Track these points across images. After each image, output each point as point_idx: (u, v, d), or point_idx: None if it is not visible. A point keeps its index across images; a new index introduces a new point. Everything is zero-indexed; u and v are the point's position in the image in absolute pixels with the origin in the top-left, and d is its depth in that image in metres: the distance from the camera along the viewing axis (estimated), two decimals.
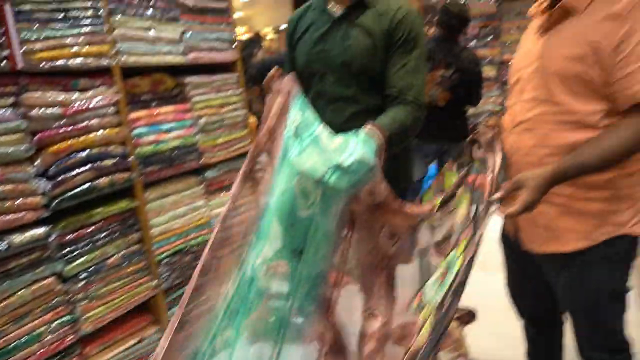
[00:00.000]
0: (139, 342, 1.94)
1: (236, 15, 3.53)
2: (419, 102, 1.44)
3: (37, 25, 1.56)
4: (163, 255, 2.05)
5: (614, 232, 1.24)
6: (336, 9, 1.51)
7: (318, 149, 1.11)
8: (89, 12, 1.69)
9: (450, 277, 1.30)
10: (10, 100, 1.51)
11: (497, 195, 1.11)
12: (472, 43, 4.72)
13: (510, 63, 1.45)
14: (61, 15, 1.61)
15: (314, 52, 1.53)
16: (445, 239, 1.27)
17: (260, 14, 3.44)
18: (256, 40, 4.15)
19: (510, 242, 1.44)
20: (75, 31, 1.65)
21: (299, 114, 1.20)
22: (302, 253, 1.12)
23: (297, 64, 1.59)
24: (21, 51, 1.51)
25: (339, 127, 1.34)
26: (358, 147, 1.13)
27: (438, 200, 1.31)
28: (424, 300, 1.27)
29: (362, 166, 1.11)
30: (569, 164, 1.13)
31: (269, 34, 6.10)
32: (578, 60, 1.15)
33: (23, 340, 1.55)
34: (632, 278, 1.31)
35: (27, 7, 1.53)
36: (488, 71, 4.80)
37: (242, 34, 2.99)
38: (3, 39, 1.48)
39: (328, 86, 1.51)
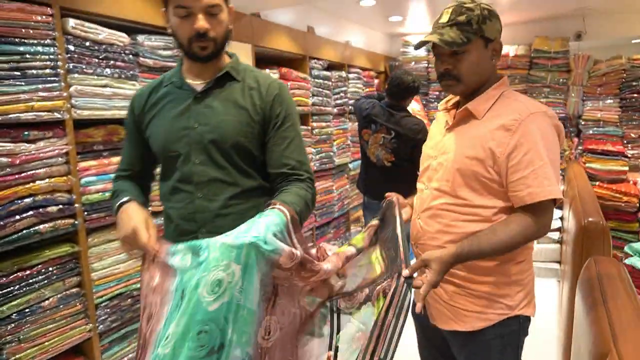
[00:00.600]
0: None
1: None
2: (312, 178, 1.39)
3: None
4: (102, 299, 2.11)
5: (506, 313, 1.35)
6: (198, 83, 1.35)
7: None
8: (47, 71, 1.81)
9: (371, 343, 1.34)
10: None
11: (406, 272, 1.17)
12: (434, 104, 4.93)
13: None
14: (19, 73, 1.72)
15: (174, 131, 1.34)
16: (355, 291, 1.29)
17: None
18: None
19: (420, 316, 1.53)
20: (33, 87, 1.76)
21: (186, 248, 1.15)
22: (224, 346, 1.04)
23: (153, 146, 1.40)
24: None
25: (214, 213, 1.32)
26: (268, 223, 1.09)
27: (342, 248, 1.31)
28: None
29: (275, 240, 1.07)
30: (468, 248, 1.23)
31: None
32: (477, 161, 1.29)
33: None
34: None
35: None
36: None
37: None
38: None
39: (195, 168, 1.33)
